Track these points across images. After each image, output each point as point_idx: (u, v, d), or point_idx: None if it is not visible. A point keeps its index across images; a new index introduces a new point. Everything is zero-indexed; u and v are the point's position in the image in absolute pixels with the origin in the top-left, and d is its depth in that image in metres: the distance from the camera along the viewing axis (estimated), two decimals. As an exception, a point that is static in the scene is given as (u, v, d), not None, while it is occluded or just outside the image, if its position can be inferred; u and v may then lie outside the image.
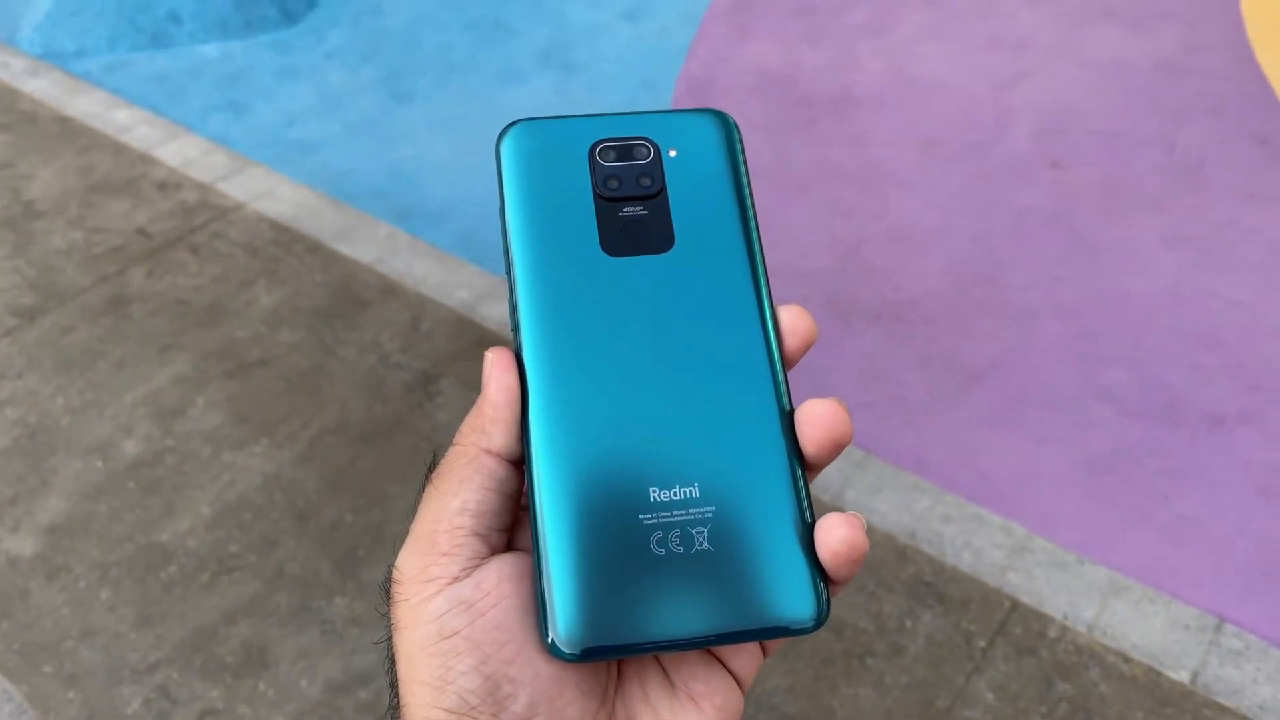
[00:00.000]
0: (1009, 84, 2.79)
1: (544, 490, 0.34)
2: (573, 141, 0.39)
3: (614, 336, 0.36)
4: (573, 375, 0.35)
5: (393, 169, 2.64)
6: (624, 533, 0.34)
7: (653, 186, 0.38)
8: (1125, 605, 1.57)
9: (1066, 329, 2.04)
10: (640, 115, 0.39)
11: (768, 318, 0.37)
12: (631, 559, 0.33)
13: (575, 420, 0.35)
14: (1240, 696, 1.45)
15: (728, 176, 0.39)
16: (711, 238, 0.38)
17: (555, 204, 0.37)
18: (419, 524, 0.34)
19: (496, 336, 2.09)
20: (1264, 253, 2.19)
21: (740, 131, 0.40)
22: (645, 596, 0.33)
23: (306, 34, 3.30)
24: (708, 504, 0.34)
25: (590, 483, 0.34)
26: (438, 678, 0.31)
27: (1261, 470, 1.74)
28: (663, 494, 0.34)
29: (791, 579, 0.34)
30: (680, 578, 0.33)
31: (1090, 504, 1.72)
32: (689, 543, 0.34)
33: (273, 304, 2.22)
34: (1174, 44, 2.88)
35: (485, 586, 0.32)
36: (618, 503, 0.34)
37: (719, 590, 0.33)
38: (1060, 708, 1.46)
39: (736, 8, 3.26)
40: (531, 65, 3.04)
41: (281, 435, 1.92)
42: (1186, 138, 2.54)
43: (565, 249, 0.37)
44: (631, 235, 0.37)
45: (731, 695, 0.35)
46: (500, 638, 0.32)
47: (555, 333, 0.36)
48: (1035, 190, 2.41)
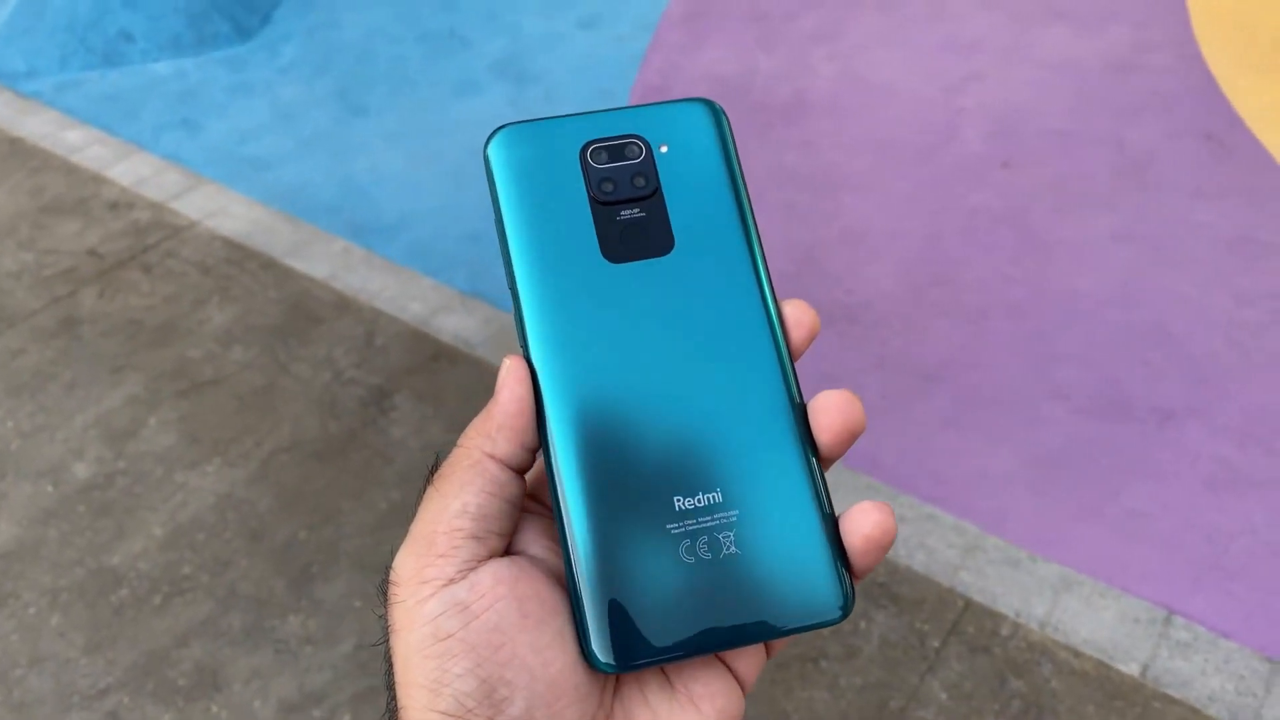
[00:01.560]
0: (960, 86, 2.81)
1: (572, 506, 0.34)
2: (562, 144, 0.38)
3: (624, 346, 0.36)
4: (589, 389, 0.35)
5: (347, 183, 2.63)
6: (653, 544, 0.34)
7: (647, 187, 0.38)
8: (1076, 601, 1.58)
9: (1018, 328, 2.06)
10: (628, 111, 0.39)
11: (773, 313, 0.37)
12: (663, 569, 0.34)
13: (597, 434, 0.35)
14: (1189, 688, 1.46)
15: (720, 168, 0.39)
16: (710, 235, 0.38)
17: (551, 211, 0.37)
18: (418, 525, 0.34)
19: (450, 349, 2.08)
20: (1212, 247, 2.21)
21: (728, 118, 0.39)
22: (679, 605, 0.34)
23: (260, 49, 3.28)
24: (731, 508, 0.35)
25: (617, 496, 0.34)
26: (434, 680, 0.31)
27: (1209, 463, 1.76)
28: (687, 502, 0.35)
29: (818, 574, 0.34)
30: (711, 583, 0.34)
31: (1042, 501, 1.73)
32: (716, 548, 0.34)
33: (225, 322, 2.21)
34: (1122, 43, 2.91)
35: (480, 589, 0.32)
36: (645, 515, 0.34)
37: (749, 592, 0.34)
38: (1013, 705, 1.47)
39: (691, 15, 3.27)
40: (486, 76, 3.03)
41: (234, 454, 1.91)
42: (1135, 136, 2.56)
43: (566, 259, 0.37)
44: (631, 240, 0.37)
45: (733, 697, 0.35)
46: (496, 640, 0.32)
47: (565, 346, 0.36)
48: (987, 191, 2.43)
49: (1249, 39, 2.88)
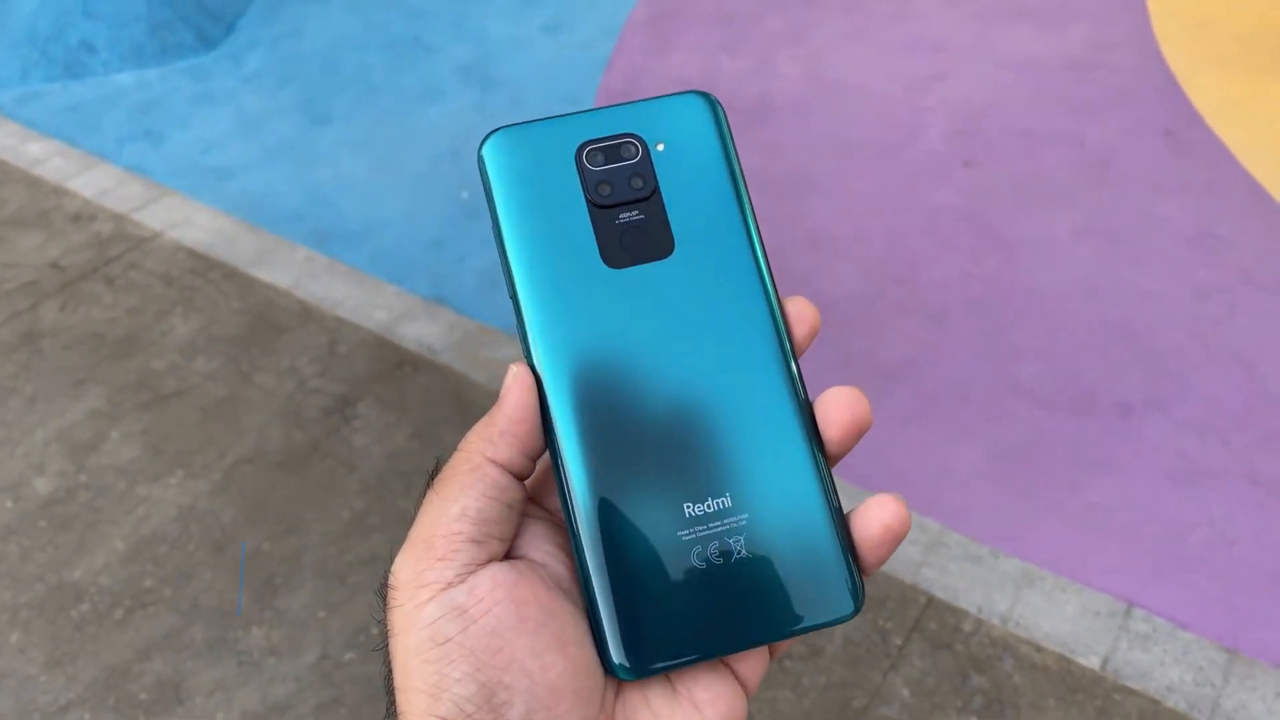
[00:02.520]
0: (924, 86, 2.83)
1: (583, 516, 0.34)
2: (558, 145, 0.37)
3: (629, 353, 0.36)
4: (595, 397, 0.35)
5: (311, 192, 2.62)
6: (665, 551, 0.34)
7: (645, 188, 0.37)
8: (1038, 595, 1.59)
9: (980, 325, 2.07)
10: (623, 108, 0.38)
11: (776, 311, 0.37)
12: (676, 577, 0.34)
13: (605, 443, 0.35)
14: (1148, 679, 1.47)
15: (717, 164, 0.38)
16: (711, 234, 0.37)
17: (549, 217, 0.37)
18: (417, 529, 0.34)
19: (414, 356, 2.08)
20: (1172, 242, 2.23)
21: (724, 109, 0.39)
22: (693, 609, 0.34)
23: (224, 59, 3.27)
24: (741, 512, 0.35)
25: (628, 504, 0.35)
26: (433, 685, 0.31)
27: (1170, 456, 1.78)
28: (697, 508, 0.35)
29: (830, 571, 0.35)
30: (724, 586, 0.34)
31: (1004, 497, 1.74)
32: (728, 553, 0.34)
33: (189, 333, 2.20)
34: (1083, 41, 2.94)
35: (479, 593, 0.32)
36: (656, 522, 0.35)
37: (763, 593, 0.34)
38: (975, 700, 1.47)
39: (656, 18, 3.28)
40: (451, 82, 3.03)
41: (197, 466, 1.89)
42: (1096, 133, 2.58)
43: (566, 266, 0.36)
44: (630, 244, 0.37)
45: (736, 701, 0.35)
46: (494, 645, 0.32)
47: (570, 355, 0.35)
48: (950, 190, 2.44)
49: (1207, 35, 2.91)
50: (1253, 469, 1.74)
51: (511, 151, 0.37)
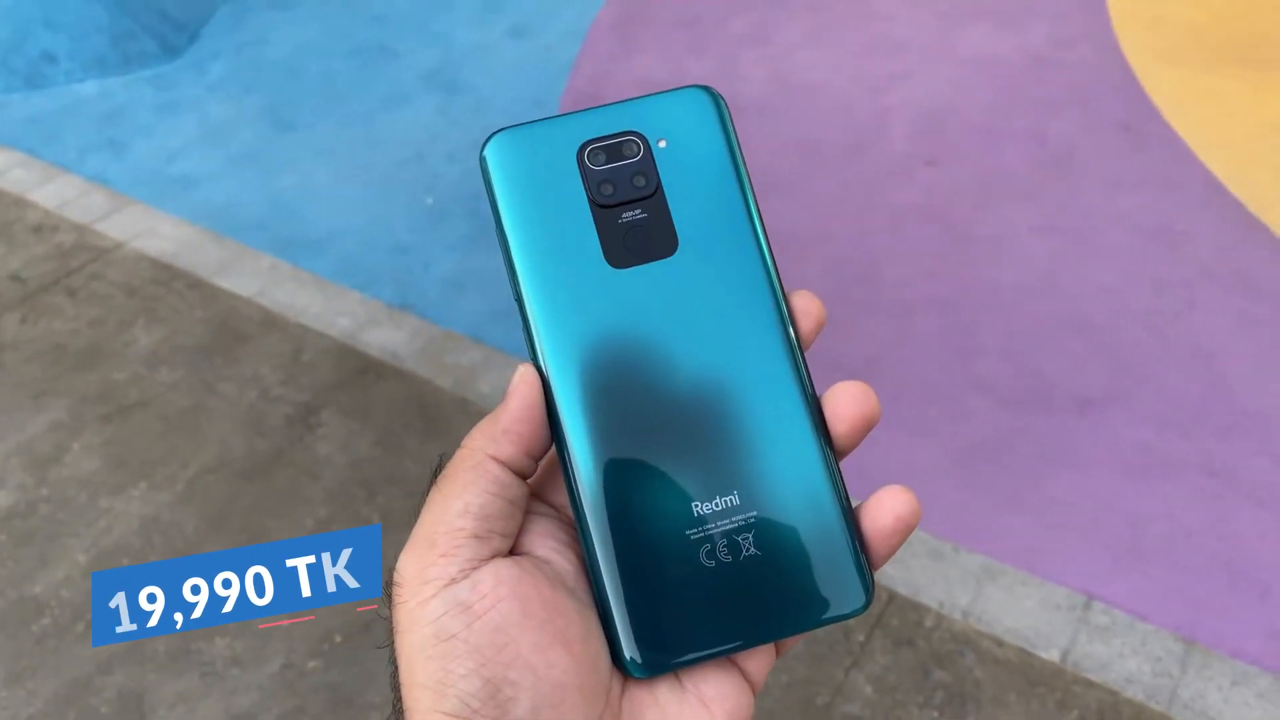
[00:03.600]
0: (887, 86, 2.84)
1: (592, 517, 0.34)
2: (559, 146, 0.37)
3: (635, 353, 0.35)
4: (602, 398, 0.35)
5: (275, 199, 2.61)
6: (674, 551, 0.34)
7: (648, 186, 0.37)
8: (999, 590, 1.60)
9: (942, 323, 2.08)
10: (624, 105, 0.38)
11: (783, 306, 0.36)
12: (685, 575, 0.34)
13: (613, 444, 0.35)
14: (1107, 671, 1.48)
15: (721, 158, 0.38)
16: (715, 231, 0.37)
17: (552, 218, 0.37)
18: (420, 526, 0.34)
19: (378, 363, 2.07)
20: (1130, 236, 2.25)
21: (726, 103, 0.39)
22: (705, 608, 0.34)
23: (187, 68, 3.25)
24: (749, 510, 0.35)
25: (637, 504, 0.35)
26: (437, 681, 0.31)
27: (1128, 449, 1.79)
28: (705, 507, 0.35)
29: (840, 567, 0.35)
30: (735, 585, 0.34)
31: (965, 492, 1.75)
32: (736, 550, 0.35)
33: (152, 343, 2.18)
34: (1043, 38, 2.96)
35: (482, 589, 0.32)
36: (665, 522, 0.35)
37: (775, 591, 0.34)
38: (937, 695, 1.48)
39: (621, 22, 3.28)
40: (416, 88, 3.03)
41: (160, 477, 1.88)
42: (1056, 129, 2.61)
43: (570, 267, 0.36)
44: (634, 243, 0.36)
45: (743, 699, 0.35)
46: (499, 641, 0.32)
47: (576, 356, 0.35)
48: (912, 189, 2.46)
49: (1165, 31, 2.94)
50: (1210, 461, 1.76)
51: (513, 153, 0.37)
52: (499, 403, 0.36)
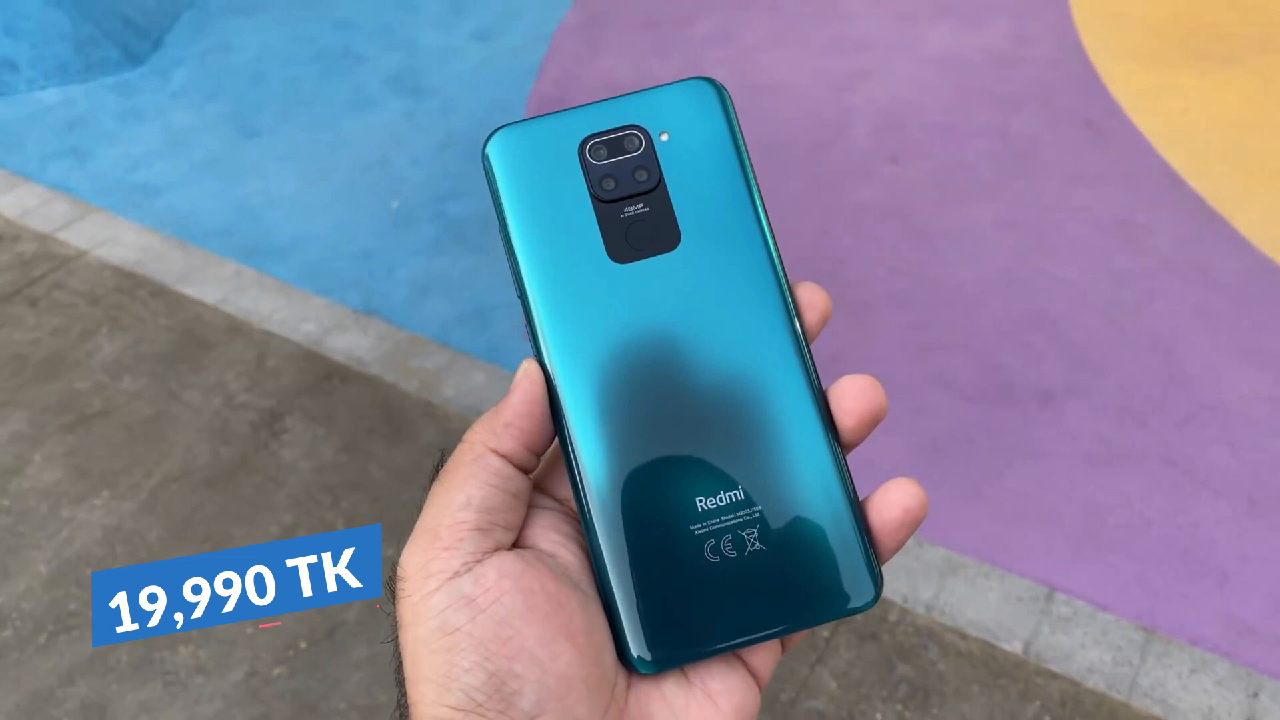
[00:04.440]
0: (850, 85, 2.86)
1: (598, 513, 0.34)
2: (561, 141, 0.37)
3: (639, 349, 0.35)
4: (606, 394, 0.35)
5: (239, 205, 2.60)
6: (680, 547, 0.34)
7: (649, 180, 0.37)
8: (961, 583, 1.61)
9: (904, 319, 2.09)
10: (625, 99, 0.38)
11: (788, 298, 0.36)
12: (690, 571, 0.34)
13: (618, 440, 0.35)
14: (1069, 661, 1.50)
15: (722, 150, 0.37)
16: (717, 224, 0.37)
17: (555, 214, 0.36)
18: (423, 520, 0.34)
19: (343, 368, 2.07)
20: (1090, 231, 2.27)
21: (729, 95, 0.38)
22: (709, 604, 0.34)
23: (151, 75, 3.23)
24: (754, 504, 0.35)
25: (641, 502, 0.34)
26: (442, 675, 0.31)
27: (1088, 441, 1.81)
28: (710, 502, 0.35)
29: (847, 561, 0.34)
30: (742, 580, 0.34)
31: (927, 486, 1.74)
32: (742, 545, 0.34)
33: (115, 352, 2.17)
34: (1004, 35, 2.98)
35: (485, 582, 0.32)
36: (671, 517, 0.34)
37: (782, 586, 0.34)
38: (900, 689, 1.49)
39: (586, 24, 3.29)
40: (381, 91, 3.02)
41: (123, 486, 1.87)
42: (1017, 125, 2.63)
43: (572, 263, 0.36)
44: (636, 237, 0.36)
45: (749, 694, 0.35)
46: (503, 634, 0.31)
47: (579, 353, 0.35)
48: (875, 186, 2.47)
49: (1126, 28, 2.97)
50: (1169, 451, 1.78)
51: (515, 150, 0.37)
52: (493, 403, 0.36)
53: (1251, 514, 1.67)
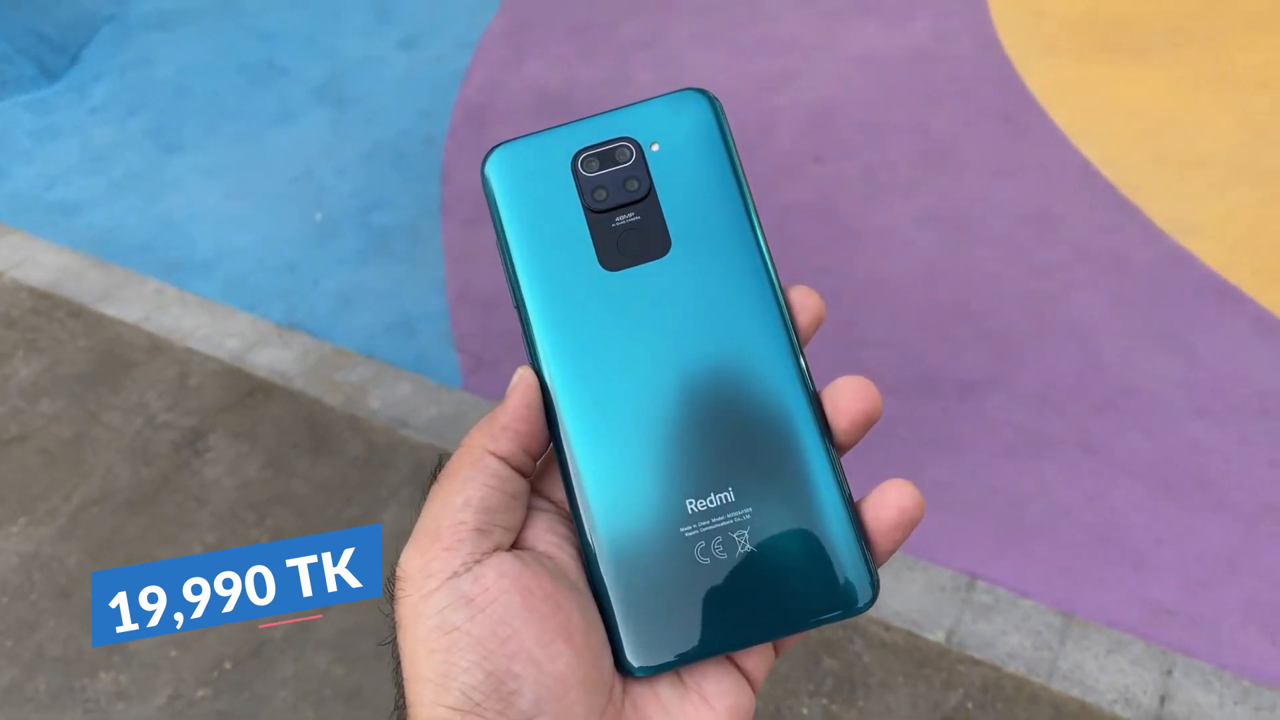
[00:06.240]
0: (775, 86, 2.88)
1: (592, 521, 0.35)
2: (555, 155, 0.38)
3: (632, 354, 0.36)
4: (600, 400, 0.35)
5: (161, 222, 2.56)
6: (673, 551, 0.34)
7: (640, 189, 0.37)
8: (886, 575, 1.63)
9: (830, 317, 2.10)
10: (618, 112, 0.39)
11: (780, 302, 0.37)
12: (684, 575, 0.34)
13: (611, 445, 0.35)
14: (991, 649, 1.52)
15: (713, 159, 0.38)
16: (708, 230, 0.37)
17: (550, 226, 0.37)
18: (422, 521, 0.34)
19: (267, 383, 2.04)
20: (1010, 224, 2.31)
21: (720, 105, 0.39)
22: (703, 607, 0.34)
23: (68, 91, 3.17)
24: (749, 508, 0.35)
25: (635, 507, 0.35)
26: (440, 674, 0.31)
27: (1007, 430, 1.84)
28: (704, 505, 0.35)
29: (843, 563, 0.34)
30: (734, 584, 0.34)
31: (852, 482, 1.78)
32: (736, 549, 0.34)
33: (32, 375, 2.13)
34: (925, 34, 3.02)
35: (484, 582, 0.32)
36: (664, 522, 0.35)
37: (774, 589, 0.34)
38: (826, 683, 1.50)
39: (512, 30, 3.28)
40: (306, 103, 2.99)
41: (41, 511, 1.84)
42: (939, 122, 2.66)
43: (565, 272, 0.36)
44: (627, 245, 0.37)
45: (743, 696, 0.35)
46: (501, 634, 0.31)
47: (573, 360, 0.36)
48: (801, 186, 2.49)
49: (1043, 23, 3.02)
50: (1086, 438, 1.81)
51: (511, 166, 0.38)
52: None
53: (1167, 497, 1.71)
